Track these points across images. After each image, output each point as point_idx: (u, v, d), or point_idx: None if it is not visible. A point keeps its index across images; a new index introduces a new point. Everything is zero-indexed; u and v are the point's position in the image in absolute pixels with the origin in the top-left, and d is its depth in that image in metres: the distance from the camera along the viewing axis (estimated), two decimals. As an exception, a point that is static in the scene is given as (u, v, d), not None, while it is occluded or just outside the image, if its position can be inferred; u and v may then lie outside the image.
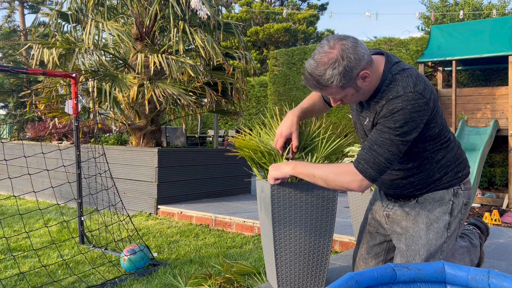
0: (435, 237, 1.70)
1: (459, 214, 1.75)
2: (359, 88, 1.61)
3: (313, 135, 2.07)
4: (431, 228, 1.72)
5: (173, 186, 4.99)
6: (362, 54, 1.55)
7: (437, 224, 1.72)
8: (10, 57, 14.62)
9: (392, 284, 1.28)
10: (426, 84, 1.63)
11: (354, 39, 1.58)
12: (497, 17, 8.64)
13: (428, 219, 1.73)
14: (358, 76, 1.57)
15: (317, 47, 1.62)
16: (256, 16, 20.74)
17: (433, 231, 1.71)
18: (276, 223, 1.97)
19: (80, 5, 5.40)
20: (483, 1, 13.46)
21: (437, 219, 1.72)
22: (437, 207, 1.74)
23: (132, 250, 2.85)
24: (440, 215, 1.73)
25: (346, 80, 1.55)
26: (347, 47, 1.53)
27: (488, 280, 1.21)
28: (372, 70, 1.61)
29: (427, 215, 1.74)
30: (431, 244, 1.70)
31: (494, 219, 5.31)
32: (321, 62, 1.56)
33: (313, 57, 1.60)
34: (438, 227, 1.72)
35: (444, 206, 1.73)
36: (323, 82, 1.59)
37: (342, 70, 1.53)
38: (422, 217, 1.74)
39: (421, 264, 1.32)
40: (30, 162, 5.92)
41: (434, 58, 7.38)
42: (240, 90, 5.83)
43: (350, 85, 1.58)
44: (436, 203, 1.74)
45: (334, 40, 1.56)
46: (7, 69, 3.14)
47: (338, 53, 1.53)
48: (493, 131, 6.64)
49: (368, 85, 1.62)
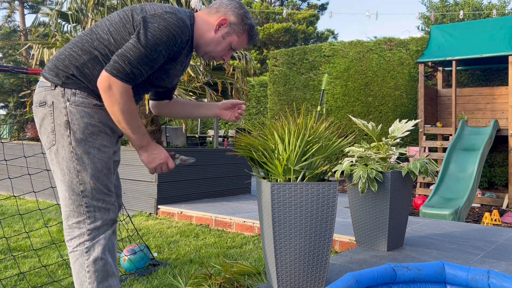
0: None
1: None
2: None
3: (313, 140, 2.07)
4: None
5: (173, 186, 4.99)
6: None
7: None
8: (10, 57, 14.63)
9: (392, 284, 1.28)
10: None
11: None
12: (497, 17, 8.64)
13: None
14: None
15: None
16: (256, 16, 20.74)
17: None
18: (276, 223, 1.97)
19: (80, 5, 5.40)
20: (483, 1, 13.46)
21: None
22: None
23: (132, 250, 2.85)
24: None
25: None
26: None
27: (488, 280, 1.21)
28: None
29: None
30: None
31: (494, 219, 5.31)
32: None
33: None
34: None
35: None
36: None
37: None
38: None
39: (421, 264, 1.32)
40: (30, 162, 5.92)
41: (434, 58, 7.38)
42: (240, 90, 5.83)
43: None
44: None
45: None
46: (7, 69, 3.14)
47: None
48: (493, 131, 6.64)
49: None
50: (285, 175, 2.05)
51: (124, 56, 1.62)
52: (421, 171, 2.70)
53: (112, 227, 1.74)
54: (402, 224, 2.88)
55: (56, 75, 1.68)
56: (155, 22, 1.65)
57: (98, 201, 1.68)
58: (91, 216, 1.67)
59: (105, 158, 1.70)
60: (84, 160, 1.65)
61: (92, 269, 1.65)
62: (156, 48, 1.64)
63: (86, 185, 1.66)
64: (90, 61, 1.68)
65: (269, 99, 10.09)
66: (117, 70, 1.61)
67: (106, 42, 1.69)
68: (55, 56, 1.74)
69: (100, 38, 1.70)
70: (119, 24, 1.70)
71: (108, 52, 1.68)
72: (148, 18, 1.66)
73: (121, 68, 1.61)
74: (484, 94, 7.68)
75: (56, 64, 1.70)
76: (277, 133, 2.04)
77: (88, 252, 1.65)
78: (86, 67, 1.67)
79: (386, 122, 8.37)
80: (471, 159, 6.19)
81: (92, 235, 1.67)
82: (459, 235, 3.29)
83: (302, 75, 9.51)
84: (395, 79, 8.51)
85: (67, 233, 1.69)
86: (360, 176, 2.65)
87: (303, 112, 2.05)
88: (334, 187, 2.01)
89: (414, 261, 2.60)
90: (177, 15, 1.69)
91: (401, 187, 2.79)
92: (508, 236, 3.28)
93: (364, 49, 8.89)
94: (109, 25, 1.72)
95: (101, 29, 1.72)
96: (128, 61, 1.62)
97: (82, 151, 1.65)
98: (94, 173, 1.66)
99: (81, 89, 1.67)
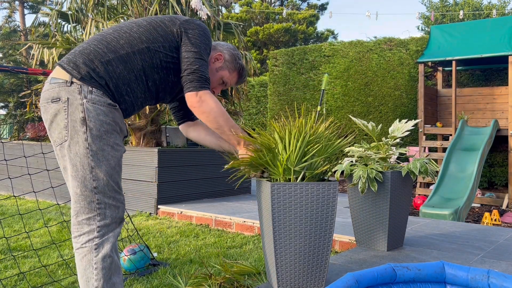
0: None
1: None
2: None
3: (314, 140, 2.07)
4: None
5: (173, 186, 4.99)
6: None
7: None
8: (10, 57, 14.63)
9: (392, 284, 1.28)
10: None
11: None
12: (497, 17, 8.64)
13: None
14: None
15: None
16: (256, 16, 20.74)
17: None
18: (276, 223, 1.97)
19: (80, 5, 5.41)
20: (483, 1, 13.46)
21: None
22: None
23: (132, 250, 2.85)
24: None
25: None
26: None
27: (488, 280, 1.21)
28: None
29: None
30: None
31: (494, 219, 5.31)
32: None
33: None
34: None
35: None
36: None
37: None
38: None
39: (421, 264, 1.32)
40: (30, 162, 5.92)
41: (434, 58, 7.38)
42: (240, 90, 5.83)
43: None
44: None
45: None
46: (7, 69, 3.14)
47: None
48: (493, 131, 6.64)
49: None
50: (285, 175, 2.05)
51: (193, 70, 1.78)
52: (421, 171, 2.70)
53: (120, 225, 1.75)
54: (402, 224, 2.88)
55: (76, 68, 1.68)
56: (195, 29, 1.84)
57: (109, 198, 1.69)
58: (102, 213, 1.68)
59: (118, 156, 1.72)
60: (99, 156, 1.66)
61: (100, 266, 1.66)
62: (206, 51, 1.85)
63: (100, 182, 1.66)
64: (115, 60, 1.71)
65: (269, 99, 10.09)
66: (199, 84, 1.78)
67: (135, 41, 1.75)
68: (77, 49, 1.75)
69: (128, 37, 1.75)
70: (148, 26, 1.80)
71: (136, 51, 1.74)
72: (185, 25, 1.84)
73: (199, 80, 1.78)
74: (484, 94, 7.68)
75: (79, 57, 1.71)
76: (278, 134, 2.04)
77: (97, 249, 1.66)
78: (110, 65, 1.70)
79: (386, 122, 8.38)
80: (471, 159, 6.19)
81: (101, 232, 1.67)
82: (459, 235, 3.29)
83: (302, 75, 9.51)
84: (395, 79, 8.51)
85: (76, 229, 1.69)
86: (360, 176, 2.66)
87: (303, 112, 2.05)
88: (334, 187, 2.01)
89: (414, 261, 2.60)
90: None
91: (401, 187, 2.79)
92: (508, 236, 3.28)
93: (364, 49, 8.89)
94: (137, 27, 1.79)
95: (129, 29, 1.78)
96: (198, 71, 1.79)
97: (97, 148, 1.66)
98: (107, 170, 1.68)
99: (98, 88, 1.68)
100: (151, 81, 1.80)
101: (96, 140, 1.66)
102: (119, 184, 1.74)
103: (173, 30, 1.81)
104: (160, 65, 1.79)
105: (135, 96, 1.78)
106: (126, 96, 1.75)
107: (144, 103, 1.86)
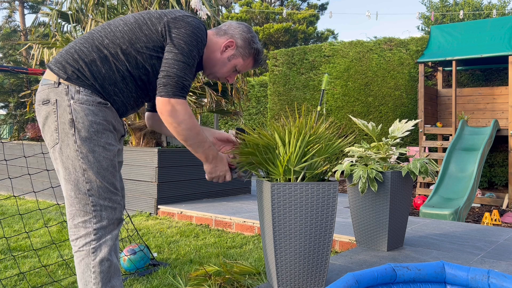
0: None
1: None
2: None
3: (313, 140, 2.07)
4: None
5: (173, 186, 4.99)
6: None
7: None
8: (10, 57, 14.63)
9: (392, 284, 1.28)
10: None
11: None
12: (497, 17, 8.63)
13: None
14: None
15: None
16: (256, 16, 20.74)
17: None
18: (276, 223, 1.97)
19: (80, 5, 5.41)
20: (483, 1, 13.46)
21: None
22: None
23: (132, 250, 2.85)
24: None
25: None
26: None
27: (488, 280, 1.21)
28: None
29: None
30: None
31: (494, 219, 5.31)
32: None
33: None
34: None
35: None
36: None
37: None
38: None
39: (421, 264, 1.32)
40: (30, 162, 5.92)
41: (434, 58, 7.38)
42: (240, 90, 5.83)
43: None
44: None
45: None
46: (7, 69, 3.14)
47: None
48: (493, 131, 6.64)
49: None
50: (285, 175, 2.05)
51: (170, 73, 1.63)
52: (421, 171, 2.70)
53: (118, 227, 1.73)
54: (402, 224, 2.88)
55: (62, 68, 1.66)
56: (181, 28, 1.67)
57: (104, 200, 1.67)
58: (97, 215, 1.66)
59: (110, 156, 1.69)
60: (89, 158, 1.63)
61: (98, 270, 1.64)
62: (191, 54, 1.67)
63: (93, 184, 1.64)
64: (99, 60, 1.67)
65: (269, 99, 10.09)
66: (172, 90, 1.63)
67: (118, 40, 1.68)
68: (64, 49, 1.72)
69: (112, 37, 1.69)
70: (134, 25, 1.71)
71: (120, 51, 1.68)
72: (172, 23, 1.68)
73: (174, 86, 1.63)
74: (484, 94, 7.68)
75: (64, 57, 1.68)
76: (278, 134, 2.04)
77: (94, 253, 1.64)
78: (94, 65, 1.66)
79: (386, 122, 8.38)
80: (471, 159, 6.19)
81: (98, 234, 1.66)
82: (459, 235, 3.29)
83: (302, 75, 9.51)
84: (395, 79, 8.51)
85: (72, 233, 1.68)
86: (360, 176, 2.66)
87: (303, 112, 2.05)
88: (334, 187, 2.01)
89: (414, 261, 2.60)
90: (196, 18, 1.73)
91: (401, 187, 2.79)
92: (508, 236, 3.28)
93: (364, 49, 8.89)
94: (123, 25, 1.72)
95: (115, 27, 1.72)
96: (176, 77, 1.63)
97: (87, 150, 1.63)
98: (100, 171, 1.65)
99: (85, 87, 1.65)
100: (140, 81, 1.74)
101: (86, 141, 1.63)
102: (115, 184, 1.71)
103: (158, 29, 1.69)
104: (145, 66, 1.71)
105: (125, 96, 1.73)
106: (115, 96, 1.71)
107: (138, 102, 1.81)
